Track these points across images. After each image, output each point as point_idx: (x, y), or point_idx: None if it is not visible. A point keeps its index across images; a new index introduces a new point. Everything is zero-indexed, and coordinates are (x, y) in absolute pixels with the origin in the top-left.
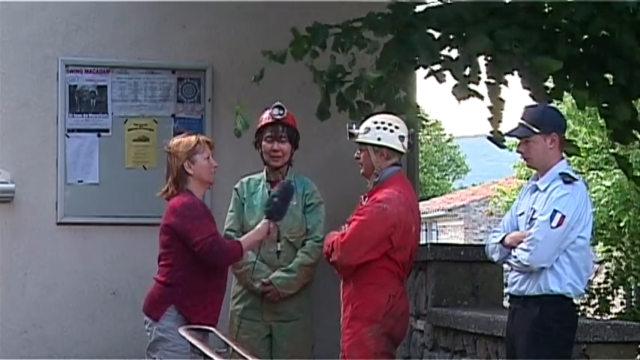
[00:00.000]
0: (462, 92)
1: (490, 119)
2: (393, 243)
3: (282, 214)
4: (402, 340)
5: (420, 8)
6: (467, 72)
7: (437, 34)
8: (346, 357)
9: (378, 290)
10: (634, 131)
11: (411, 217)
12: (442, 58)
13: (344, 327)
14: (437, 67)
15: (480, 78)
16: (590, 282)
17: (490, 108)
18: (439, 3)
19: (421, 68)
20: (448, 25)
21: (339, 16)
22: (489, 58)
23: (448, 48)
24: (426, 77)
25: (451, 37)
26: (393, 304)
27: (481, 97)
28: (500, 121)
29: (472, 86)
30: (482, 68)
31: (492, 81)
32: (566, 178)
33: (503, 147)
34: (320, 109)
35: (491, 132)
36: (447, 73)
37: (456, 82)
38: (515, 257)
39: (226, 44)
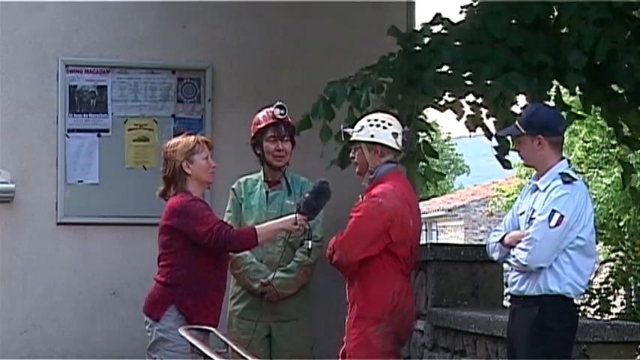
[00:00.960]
0: (476, 121)
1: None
2: (391, 237)
3: (311, 209)
4: (407, 339)
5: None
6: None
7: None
8: (352, 357)
9: (383, 288)
10: None
11: (408, 211)
12: (451, 93)
13: (349, 327)
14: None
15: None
16: (590, 282)
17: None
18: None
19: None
20: (458, 61)
21: (339, 16)
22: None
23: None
24: (443, 111)
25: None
26: (399, 302)
27: (489, 134)
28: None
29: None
30: None
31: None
32: (566, 178)
33: (509, 167)
34: (341, 159)
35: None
36: (463, 102)
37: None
38: (514, 257)
39: (226, 44)
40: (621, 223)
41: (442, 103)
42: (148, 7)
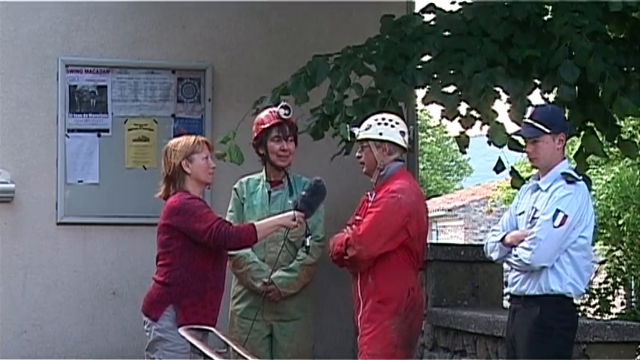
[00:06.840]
0: (451, 113)
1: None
2: (409, 232)
3: (308, 206)
4: (419, 336)
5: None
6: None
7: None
8: (366, 350)
9: (399, 283)
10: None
11: (422, 207)
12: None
13: (363, 321)
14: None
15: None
16: (590, 282)
17: (486, 122)
18: (432, 23)
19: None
20: (444, 51)
21: (339, 16)
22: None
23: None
24: (423, 100)
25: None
26: (413, 297)
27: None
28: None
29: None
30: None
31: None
32: (569, 178)
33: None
34: (314, 133)
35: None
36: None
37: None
38: (516, 256)
39: (226, 44)
40: (620, 221)
41: (424, 95)
42: (148, 7)
